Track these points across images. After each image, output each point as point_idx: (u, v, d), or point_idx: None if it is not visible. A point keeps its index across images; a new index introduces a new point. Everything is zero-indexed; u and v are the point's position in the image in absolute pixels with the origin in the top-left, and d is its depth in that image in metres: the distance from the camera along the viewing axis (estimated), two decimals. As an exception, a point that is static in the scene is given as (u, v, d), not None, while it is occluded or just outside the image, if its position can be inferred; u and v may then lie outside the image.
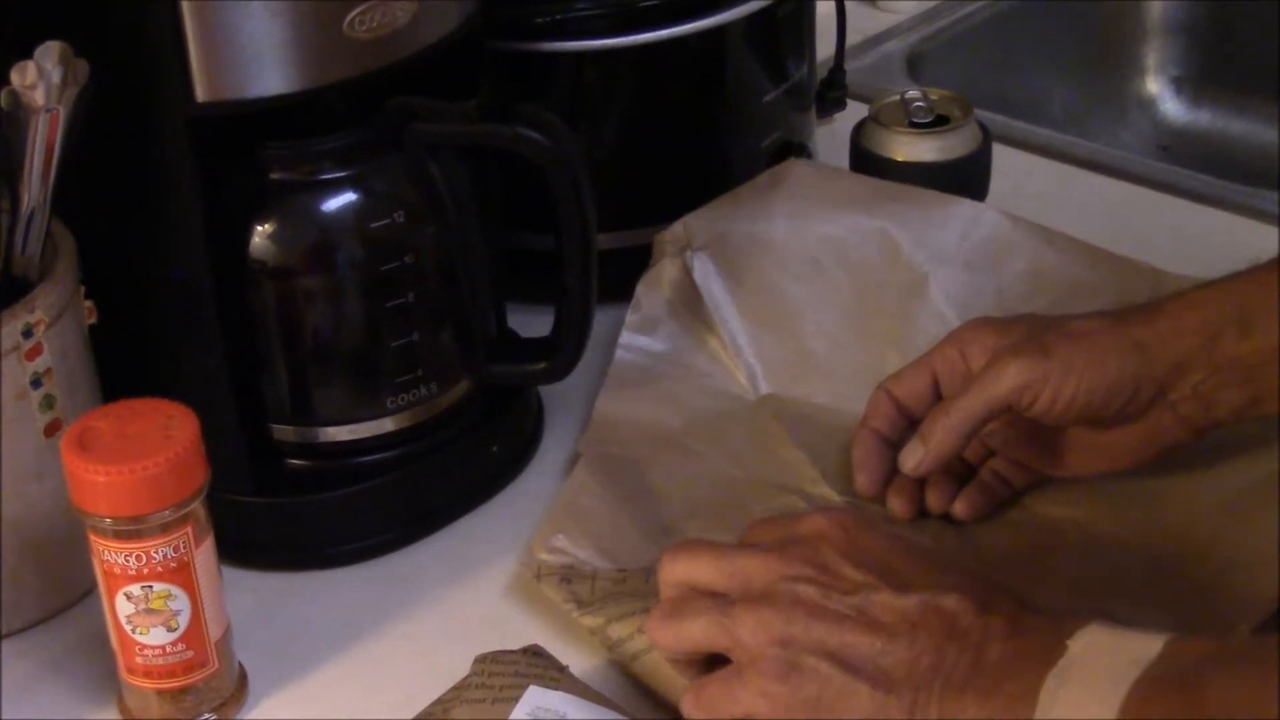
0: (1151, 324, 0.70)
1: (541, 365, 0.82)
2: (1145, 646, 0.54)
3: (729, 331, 0.86)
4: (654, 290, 0.86)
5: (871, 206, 0.87)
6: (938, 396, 0.73)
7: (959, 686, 0.57)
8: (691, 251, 0.87)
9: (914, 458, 0.72)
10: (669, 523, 0.77)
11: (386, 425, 0.79)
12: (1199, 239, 0.99)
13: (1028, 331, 0.70)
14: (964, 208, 0.88)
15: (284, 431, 0.79)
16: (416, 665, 0.72)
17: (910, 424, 0.74)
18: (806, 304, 0.86)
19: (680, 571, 0.62)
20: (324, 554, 0.80)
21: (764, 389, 0.86)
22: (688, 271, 0.86)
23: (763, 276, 0.86)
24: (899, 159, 0.95)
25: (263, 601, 0.77)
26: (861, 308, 0.86)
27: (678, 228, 0.87)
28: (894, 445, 0.75)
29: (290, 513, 0.80)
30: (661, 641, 0.62)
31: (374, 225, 0.76)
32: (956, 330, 0.73)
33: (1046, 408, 0.69)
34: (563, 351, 0.81)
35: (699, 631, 0.60)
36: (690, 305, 0.87)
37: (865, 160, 0.96)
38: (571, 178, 0.76)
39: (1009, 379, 0.69)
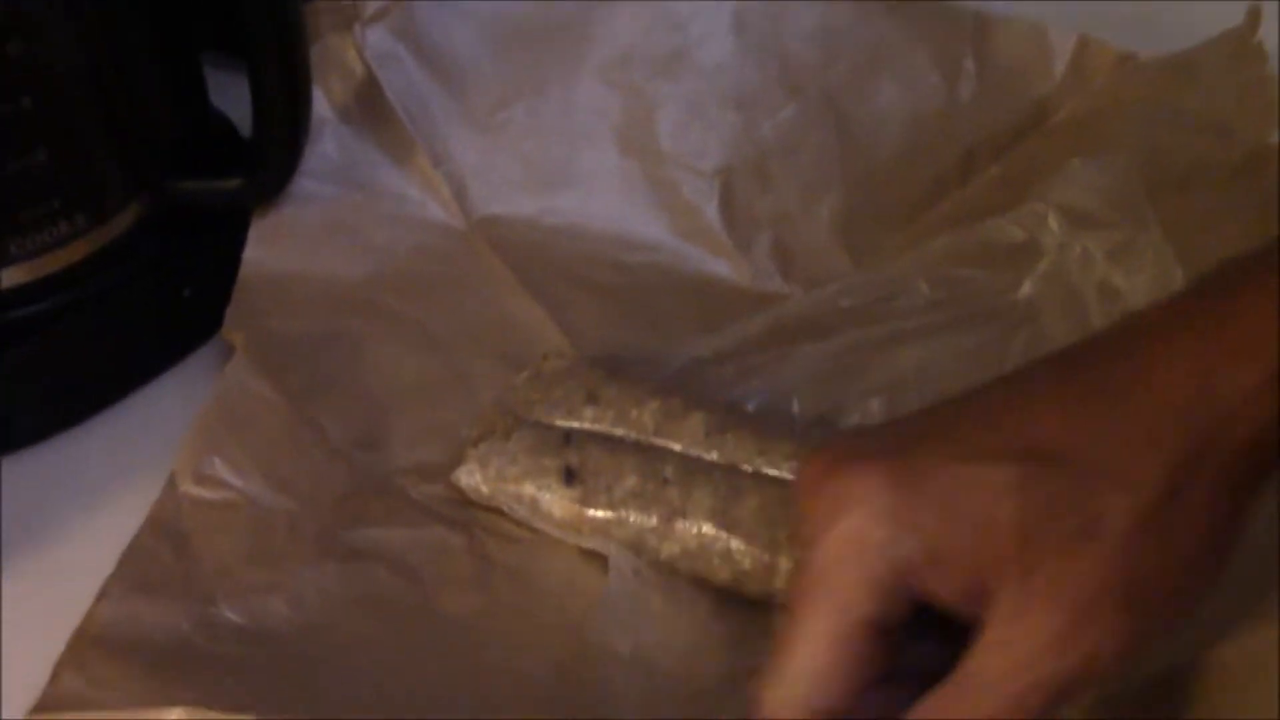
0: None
1: (237, 181, 0.67)
2: None
3: (423, 132, 0.70)
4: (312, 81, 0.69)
5: None
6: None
7: None
8: (361, 25, 0.70)
9: None
10: (365, 427, 0.61)
11: (22, 273, 0.63)
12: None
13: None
14: None
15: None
16: (78, 582, 0.56)
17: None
18: (529, 87, 0.71)
19: None
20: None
21: (478, 209, 0.70)
22: (359, 52, 0.70)
23: (467, 53, 0.71)
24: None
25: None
26: (601, 89, 0.71)
27: (341, -8, 0.71)
28: None
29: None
30: None
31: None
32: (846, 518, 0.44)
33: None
34: (268, 162, 0.66)
35: None
36: (365, 99, 0.70)
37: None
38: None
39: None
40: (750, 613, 0.54)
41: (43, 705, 0.52)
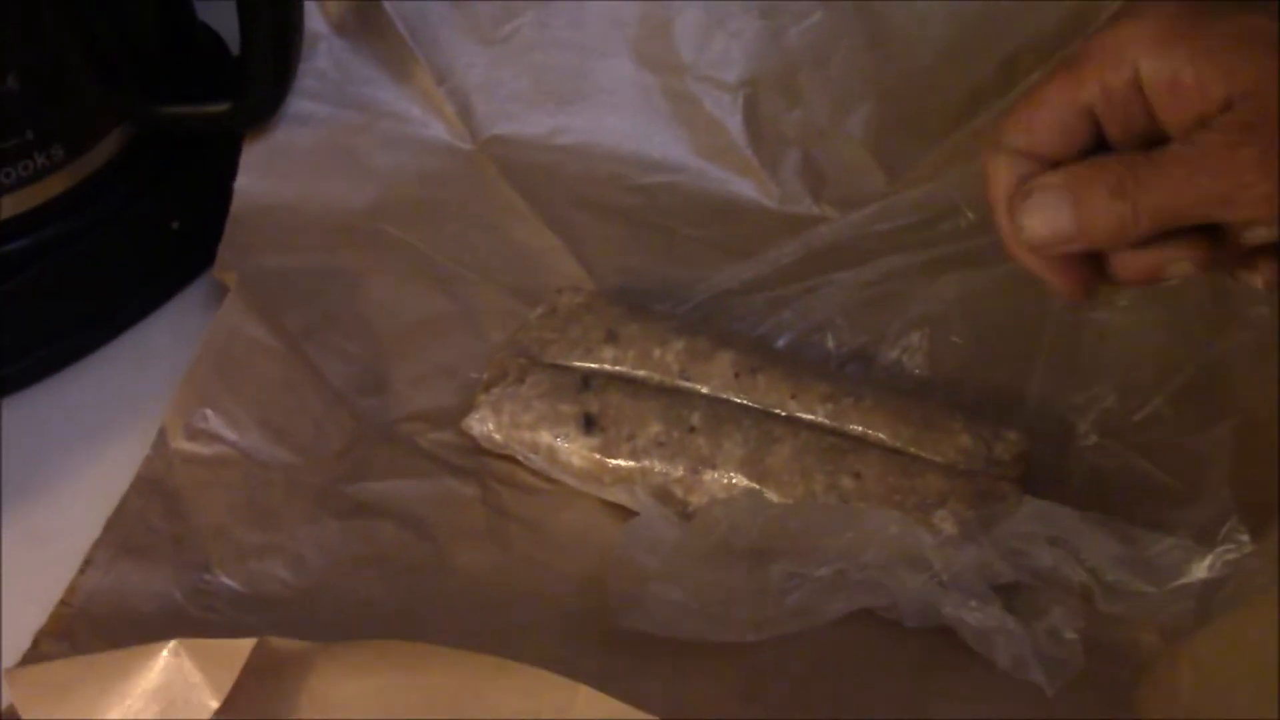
0: None
1: (225, 105, 0.65)
2: None
3: (425, 47, 0.69)
4: None
5: None
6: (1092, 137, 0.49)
7: None
8: None
9: (1050, 221, 0.48)
10: (368, 370, 0.60)
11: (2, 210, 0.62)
12: None
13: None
14: None
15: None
16: (67, 538, 0.55)
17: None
18: (538, -1, 0.71)
19: None
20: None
21: (485, 129, 0.69)
22: None
23: None
24: None
25: None
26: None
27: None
28: None
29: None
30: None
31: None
32: (1125, 23, 0.48)
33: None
34: (258, 81, 0.64)
35: None
36: (362, 12, 0.69)
37: None
38: None
39: (1216, 186, 0.44)
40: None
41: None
